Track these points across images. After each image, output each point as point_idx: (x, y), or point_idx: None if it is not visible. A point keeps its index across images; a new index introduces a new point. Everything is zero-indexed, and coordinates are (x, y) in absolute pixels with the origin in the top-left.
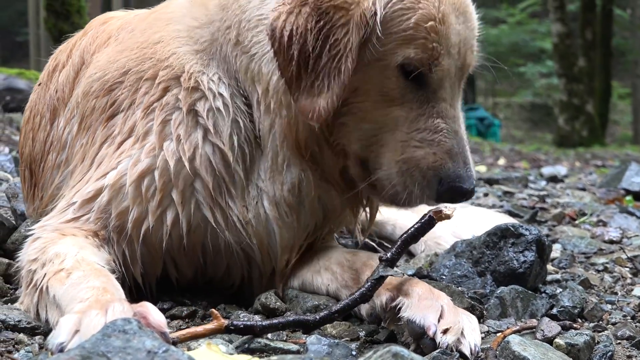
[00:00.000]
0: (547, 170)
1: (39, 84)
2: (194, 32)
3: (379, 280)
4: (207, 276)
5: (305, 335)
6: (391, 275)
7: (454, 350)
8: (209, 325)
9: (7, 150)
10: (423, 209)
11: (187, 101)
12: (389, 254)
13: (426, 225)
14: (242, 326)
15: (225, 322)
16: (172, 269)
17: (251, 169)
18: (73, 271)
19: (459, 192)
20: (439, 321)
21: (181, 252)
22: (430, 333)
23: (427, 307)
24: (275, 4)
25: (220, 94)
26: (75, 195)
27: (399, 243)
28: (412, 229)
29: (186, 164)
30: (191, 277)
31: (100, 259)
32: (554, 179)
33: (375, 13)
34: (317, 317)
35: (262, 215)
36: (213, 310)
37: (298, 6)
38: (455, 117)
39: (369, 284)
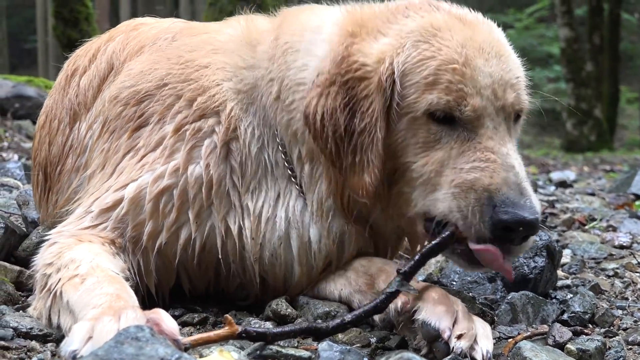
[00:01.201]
0: (556, 176)
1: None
2: (240, 71)
3: (394, 294)
4: (219, 288)
5: (316, 342)
6: (406, 290)
7: (467, 356)
8: (221, 331)
9: (16, 157)
10: None
11: (224, 138)
12: (406, 267)
13: (448, 240)
14: (254, 333)
15: (239, 328)
16: (185, 281)
17: (268, 204)
18: (87, 277)
19: (517, 220)
20: (453, 326)
21: (195, 268)
22: (445, 336)
23: (442, 311)
24: (310, 83)
25: (251, 146)
26: (94, 203)
27: (417, 257)
28: (434, 244)
29: (204, 189)
30: (204, 290)
31: (115, 267)
32: (563, 184)
33: (393, 72)
34: (330, 326)
35: (282, 255)
36: (227, 316)
37: (327, 87)
38: (508, 154)
39: (384, 296)
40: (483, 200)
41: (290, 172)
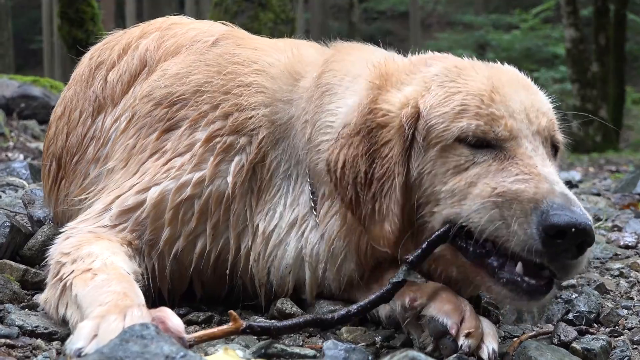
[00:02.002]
0: (561, 176)
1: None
2: (276, 102)
3: (400, 284)
4: (233, 296)
5: (321, 341)
6: (413, 279)
7: (474, 355)
8: (225, 327)
9: (22, 157)
10: None
11: (253, 160)
12: (413, 257)
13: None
14: (258, 328)
15: (243, 323)
16: (198, 288)
17: (278, 229)
18: (99, 273)
19: (568, 222)
20: (460, 324)
21: (210, 275)
22: (453, 332)
23: (450, 309)
24: (336, 133)
25: (274, 175)
26: (115, 202)
27: (424, 246)
28: (441, 231)
29: (224, 204)
30: (215, 295)
31: (129, 267)
32: (568, 184)
33: (417, 111)
34: (335, 317)
35: (290, 282)
36: (232, 312)
37: (351, 137)
38: (552, 172)
39: (390, 286)
40: (529, 211)
41: (312, 205)
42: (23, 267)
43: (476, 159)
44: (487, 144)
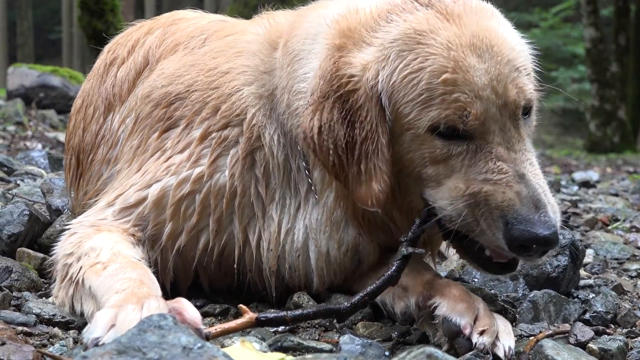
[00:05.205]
0: (579, 176)
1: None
2: (261, 76)
3: (404, 261)
4: (242, 289)
5: (337, 335)
6: (414, 252)
7: (489, 352)
8: (241, 320)
9: (40, 146)
10: None
11: (247, 149)
12: (409, 234)
13: None
14: (272, 317)
15: (256, 314)
16: (205, 281)
17: (288, 215)
18: (109, 264)
19: (531, 238)
20: (474, 323)
21: (215, 270)
22: (467, 332)
23: (463, 308)
24: (304, 102)
25: (277, 156)
26: (117, 199)
27: (417, 222)
28: (424, 216)
29: (226, 198)
30: (225, 289)
31: (136, 254)
32: (586, 184)
33: (378, 83)
34: (349, 304)
35: (301, 268)
36: (241, 305)
37: (320, 103)
38: (518, 159)
39: (395, 266)
40: (495, 217)
41: (309, 179)
42: (41, 255)
43: (451, 151)
44: (458, 133)
